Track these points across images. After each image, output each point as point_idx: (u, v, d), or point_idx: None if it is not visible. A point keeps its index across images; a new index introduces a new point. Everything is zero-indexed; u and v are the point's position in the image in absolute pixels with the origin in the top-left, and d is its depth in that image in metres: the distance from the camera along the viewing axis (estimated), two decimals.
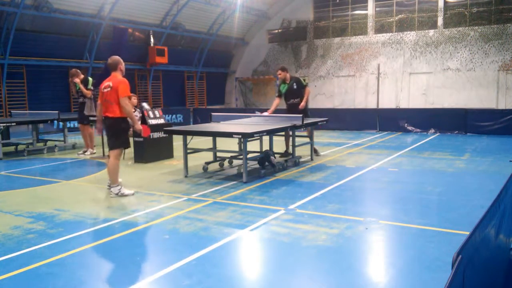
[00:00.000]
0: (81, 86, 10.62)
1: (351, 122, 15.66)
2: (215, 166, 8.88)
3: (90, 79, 11.00)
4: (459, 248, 1.76)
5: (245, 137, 7.35)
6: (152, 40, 20.64)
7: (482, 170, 8.20)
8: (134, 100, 10.34)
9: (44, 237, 4.83)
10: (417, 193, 6.55)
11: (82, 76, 10.87)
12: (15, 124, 11.11)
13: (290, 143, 9.31)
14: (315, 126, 9.78)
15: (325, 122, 9.92)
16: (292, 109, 9.63)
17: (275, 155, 8.92)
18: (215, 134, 8.22)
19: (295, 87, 9.69)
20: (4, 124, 10.73)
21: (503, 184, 2.77)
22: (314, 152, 9.79)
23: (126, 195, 6.54)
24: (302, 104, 9.45)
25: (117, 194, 6.52)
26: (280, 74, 9.72)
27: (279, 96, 9.95)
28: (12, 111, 14.08)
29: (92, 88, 10.79)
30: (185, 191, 6.84)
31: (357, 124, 15.64)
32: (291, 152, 9.25)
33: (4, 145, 11.14)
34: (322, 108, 19.82)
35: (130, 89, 6.64)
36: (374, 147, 11.56)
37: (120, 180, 6.68)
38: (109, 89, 6.48)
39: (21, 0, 14.66)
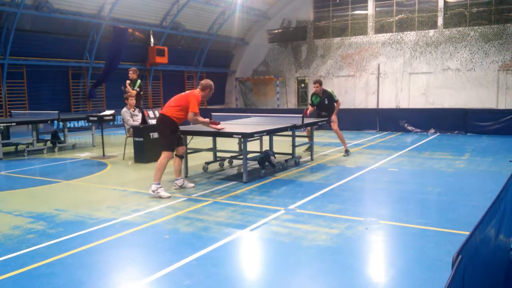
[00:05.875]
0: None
1: (351, 122, 15.63)
2: (215, 166, 8.87)
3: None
4: (459, 248, 1.76)
5: (245, 137, 7.35)
6: (152, 40, 20.64)
7: (482, 170, 8.20)
8: (132, 101, 10.30)
9: (44, 237, 4.83)
10: (417, 193, 6.54)
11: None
12: (15, 124, 11.11)
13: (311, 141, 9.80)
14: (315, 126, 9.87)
15: (325, 122, 9.94)
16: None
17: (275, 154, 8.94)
18: (215, 134, 8.22)
19: (326, 102, 10.23)
20: (4, 124, 10.73)
21: (503, 184, 2.77)
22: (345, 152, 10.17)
23: (161, 197, 6.45)
24: (334, 117, 10.07)
25: (153, 191, 6.49)
26: (317, 87, 10.20)
27: (312, 105, 10.49)
28: (12, 111, 14.08)
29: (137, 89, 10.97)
30: (185, 191, 6.84)
31: (357, 124, 15.62)
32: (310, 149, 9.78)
33: (4, 145, 11.14)
34: None
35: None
36: (374, 147, 11.55)
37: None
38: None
39: (21, 0, 14.66)
